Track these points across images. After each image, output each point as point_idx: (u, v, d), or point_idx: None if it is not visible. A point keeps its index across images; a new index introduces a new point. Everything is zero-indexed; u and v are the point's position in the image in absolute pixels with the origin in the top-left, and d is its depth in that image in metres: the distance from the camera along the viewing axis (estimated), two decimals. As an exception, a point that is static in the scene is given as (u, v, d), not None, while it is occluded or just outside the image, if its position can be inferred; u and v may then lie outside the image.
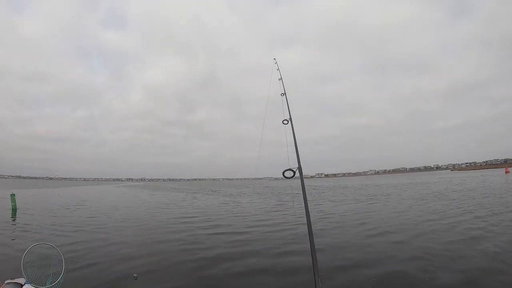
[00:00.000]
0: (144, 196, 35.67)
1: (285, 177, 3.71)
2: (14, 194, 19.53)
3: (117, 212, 18.09)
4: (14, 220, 14.03)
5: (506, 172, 54.73)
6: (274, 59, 6.05)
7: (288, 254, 7.47)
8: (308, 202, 3.65)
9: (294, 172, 3.71)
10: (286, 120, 4.68)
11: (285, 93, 5.16)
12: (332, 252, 7.64)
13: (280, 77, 5.50)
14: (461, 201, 16.87)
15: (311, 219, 3.34)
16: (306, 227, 3.33)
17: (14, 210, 17.42)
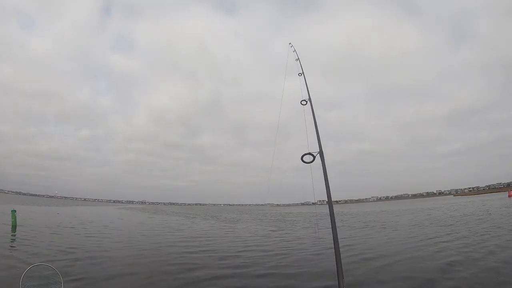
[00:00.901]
0: (142, 219, 35.83)
1: (304, 161, 3.56)
2: (15, 211, 19.51)
3: (114, 233, 18.49)
4: (13, 236, 14.18)
5: (510, 195, 53.60)
6: (290, 43, 5.99)
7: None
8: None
9: (314, 157, 3.56)
10: (304, 100, 4.53)
11: (303, 73, 5.08)
12: (309, 276, 8.02)
13: (297, 58, 5.46)
14: (454, 227, 17.08)
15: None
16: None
17: (14, 226, 17.46)
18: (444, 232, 15.55)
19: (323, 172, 3.67)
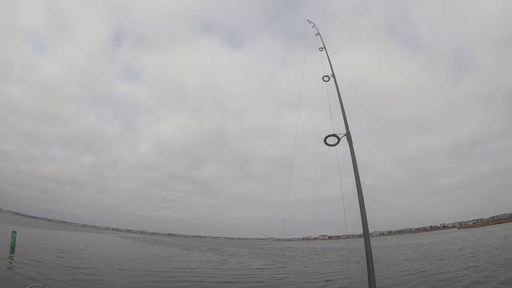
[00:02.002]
0: (140, 249, 35.77)
1: (328, 144, 3.12)
2: (15, 232, 19.14)
3: (111, 261, 18.66)
4: (11, 258, 14.29)
5: None
6: (308, 20, 5.67)
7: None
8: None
9: (339, 139, 3.11)
10: (326, 76, 4.16)
11: (324, 47, 4.77)
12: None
13: (317, 33, 5.14)
14: (443, 262, 17.27)
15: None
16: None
17: (12, 247, 17.16)
18: (434, 266, 15.80)
19: (351, 157, 3.11)
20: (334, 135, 3.05)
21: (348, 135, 3.11)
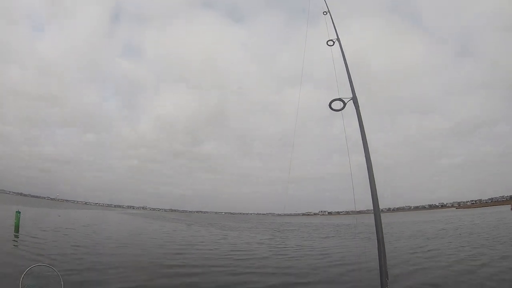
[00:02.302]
0: (141, 225, 36.69)
1: (333, 109, 3.04)
2: (19, 212, 19.17)
3: (115, 236, 19.49)
4: (16, 237, 14.54)
5: None
6: None
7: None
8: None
9: (345, 104, 3.01)
10: (331, 40, 3.98)
11: (328, 11, 4.54)
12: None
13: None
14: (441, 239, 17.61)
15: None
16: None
17: (17, 227, 17.41)
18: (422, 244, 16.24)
19: (359, 124, 2.99)
20: (339, 99, 2.97)
21: (354, 99, 3.00)
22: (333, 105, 2.97)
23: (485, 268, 9.96)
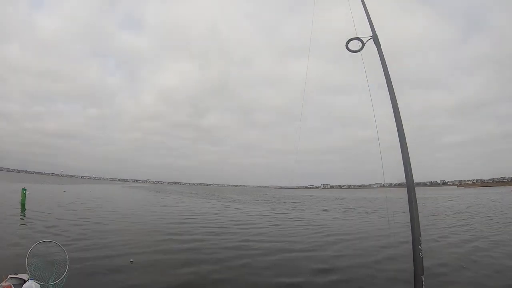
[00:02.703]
0: (144, 197, 37.53)
1: (350, 50, 2.69)
2: (25, 189, 19.73)
3: (119, 209, 20.22)
4: (23, 215, 14.79)
5: None
6: None
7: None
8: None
9: (363, 43, 2.67)
10: None
11: None
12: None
13: None
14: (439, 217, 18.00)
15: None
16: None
17: (23, 204, 17.92)
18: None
19: (382, 65, 2.66)
20: (357, 38, 2.57)
21: (375, 37, 2.59)
22: (350, 46, 2.65)
23: None
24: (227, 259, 8.16)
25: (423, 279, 2.20)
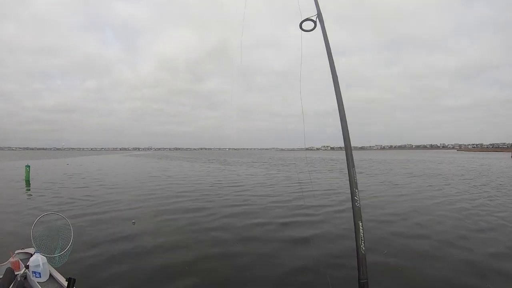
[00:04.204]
0: (145, 164, 38.79)
1: (303, 29, 2.78)
2: (29, 166, 20.06)
3: (122, 176, 21.87)
4: (29, 190, 15.21)
5: None
6: None
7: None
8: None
9: (315, 22, 2.72)
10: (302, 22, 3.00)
11: None
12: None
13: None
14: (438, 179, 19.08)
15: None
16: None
17: (27, 181, 18.37)
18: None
19: (325, 42, 2.66)
20: (309, 19, 2.55)
21: (319, 15, 2.55)
22: (304, 26, 2.61)
23: None
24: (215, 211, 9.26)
25: (360, 225, 2.46)
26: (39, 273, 3.55)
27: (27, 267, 3.58)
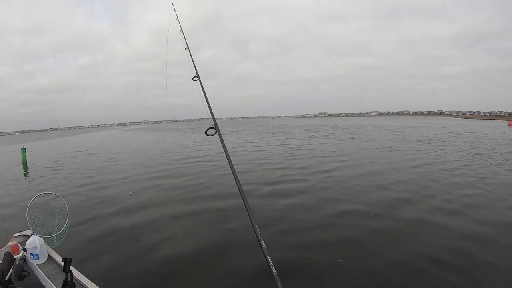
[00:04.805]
0: (141, 138, 40.12)
1: (208, 135, 3.16)
2: (24, 149, 19.75)
3: (118, 151, 23.20)
4: (26, 173, 15.31)
5: (510, 125, 52.52)
6: (172, 4, 4.81)
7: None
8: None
9: (216, 130, 3.04)
10: (195, 77, 3.82)
11: (188, 48, 4.13)
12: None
13: (181, 29, 4.46)
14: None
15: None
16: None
17: (25, 164, 18.19)
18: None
19: (221, 144, 2.93)
20: (212, 127, 2.85)
21: (216, 126, 2.88)
22: (208, 132, 2.89)
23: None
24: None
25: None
26: (37, 254, 3.55)
27: (25, 249, 3.59)
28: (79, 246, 5.32)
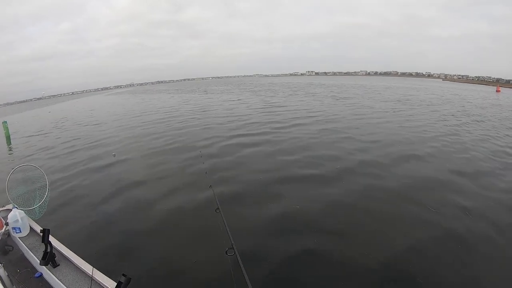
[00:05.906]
0: (125, 101, 40.46)
1: None
2: (5, 122, 19.09)
3: (97, 116, 24.31)
4: (10, 148, 14.49)
5: (497, 91, 53.08)
6: None
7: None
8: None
9: None
10: (217, 209, 3.34)
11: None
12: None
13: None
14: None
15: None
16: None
17: (8, 137, 17.37)
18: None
19: None
20: None
21: None
22: None
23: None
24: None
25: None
26: (19, 228, 3.59)
27: (7, 224, 3.62)
28: (58, 209, 6.02)
